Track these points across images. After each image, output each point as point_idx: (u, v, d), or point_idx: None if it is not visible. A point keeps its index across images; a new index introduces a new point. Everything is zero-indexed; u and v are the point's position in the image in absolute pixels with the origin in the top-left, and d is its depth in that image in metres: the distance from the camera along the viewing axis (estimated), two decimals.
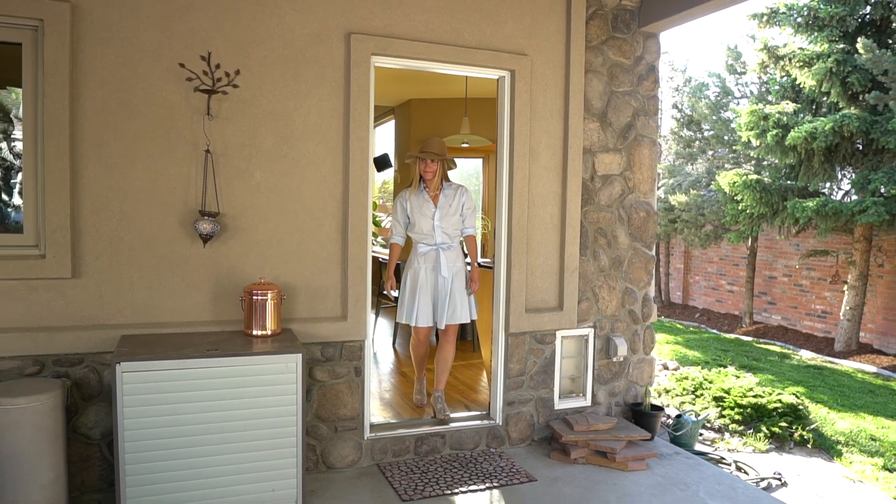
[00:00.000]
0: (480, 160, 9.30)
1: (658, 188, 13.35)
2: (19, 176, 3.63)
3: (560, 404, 4.53)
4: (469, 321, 4.43)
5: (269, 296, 3.46)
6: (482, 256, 7.98)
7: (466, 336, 7.03)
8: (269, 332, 3.49)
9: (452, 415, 4.41)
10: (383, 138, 10.79)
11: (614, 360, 4.67)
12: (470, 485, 3.79)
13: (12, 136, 3.84)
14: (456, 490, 3.72)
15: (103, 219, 3.47)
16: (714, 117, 12.63)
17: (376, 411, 4.49)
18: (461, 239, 4.45)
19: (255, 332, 3.47)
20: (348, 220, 3.87)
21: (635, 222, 4.70)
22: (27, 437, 3.01)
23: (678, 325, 12.23)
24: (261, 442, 3.23)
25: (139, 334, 3.45)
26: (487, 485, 3.80)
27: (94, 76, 3.42)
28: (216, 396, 3.15)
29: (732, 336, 11.21)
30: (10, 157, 3.87)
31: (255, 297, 3.44)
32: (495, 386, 4.40)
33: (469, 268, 4.49)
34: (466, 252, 4.61)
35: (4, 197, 3.83)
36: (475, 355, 6.39)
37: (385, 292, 4.74)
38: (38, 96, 3.37)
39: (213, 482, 3.18)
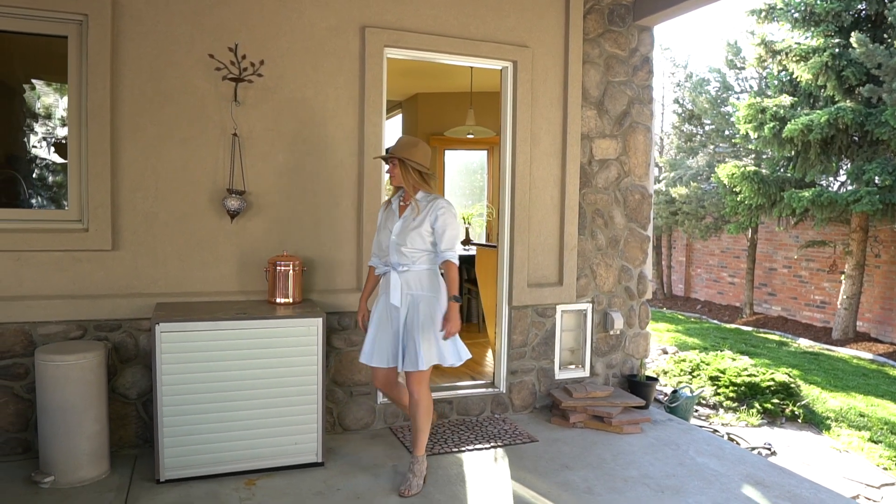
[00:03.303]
0: (485, 152, 9.59)
1: (659, 181, 13.63)
2: (49, 156, 3.96)
3: (560, 374, 4.83)
4: (422, 369, 3.31)
5: (292, 266, 3.78)
6: (487, 241, 8.25)
7: (472, 318, 7.34)
8: (292, 301, 3.80)
9: (458, 383, 4.72)
10: (391, 132, 11.08)
11: (611, 333, 4.97)
12: (476, 444, 4.09)
13: (49, 124, 4.18)
14: (463, 448, 4.02)
15: (140, 197, 3.80)
16: (714, 112, 12.90)
17: None
18: (438, 264, 3.44)
19: (278, 300, 3.79)
20: (363, 200, 4.19)
21: (631, 204, 5.00)
22: (75, 390, 3.33)
23: (679, 316, 12.49)
24: (285, 399, 3.55)
25: (172, 302, 3.77)
26: (492, 444, 4.11)
27: (132, 66, 3.75)
28: (245, 356, 3.47)
29: (732, 326, 11.47)
30: (45, 143, 4.20)
31: (278, 268, 3.76)
32: (499, 355, 4.71)
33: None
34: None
35: (52, 177, 4.17)
36: (481, 335, 6.70)
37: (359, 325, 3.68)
38: (82, 85, 3.70)
39: (241, 435, 3.49)
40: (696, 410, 5.81)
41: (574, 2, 4.65)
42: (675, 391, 5.34)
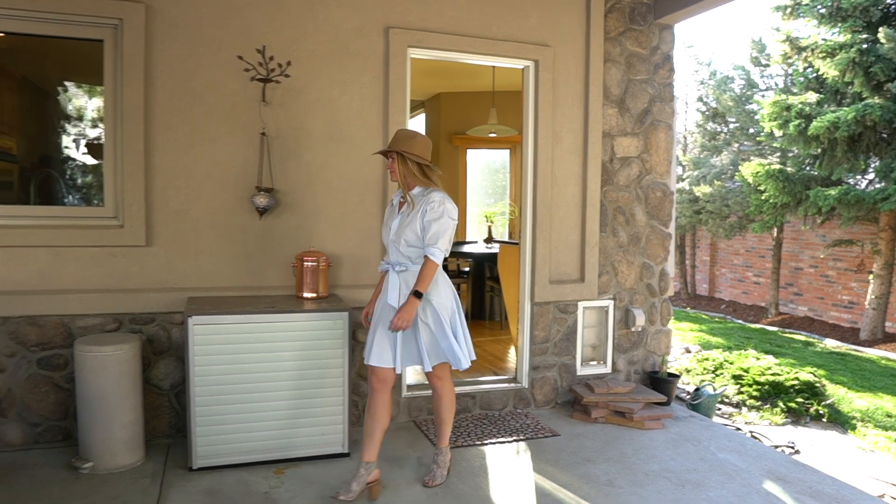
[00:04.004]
0: (507, 151, 9.64)
1: (683, 180, 13.55)
2: (81, 155, 4.11)
3: (582, 370, 4.87)
4: (428, 369, 3.27)
5: (318, 262, 3.88)
6: (509, 237, 8.31)
7: (494, 316, 7.40)
8: (318, 295, 3.90)
9: (481, 378, 4.79)
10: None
11: (633, 329, 5.00)
12: (498, 437, 4.16)
13: (81, 125, 4.32)
14: (486, 441, 4.09)
15: (172, 194, 3.92)
16: (738, 109, 12.81)
17: (411, 375, 4.87)
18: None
19: (305, 295, 3.89)
20: (387, 197, 4.28)
21: (652, 201, 5.03)
22: (112, 381, 3.46)
23: (703, 316, 12.41)
24: (312, 391, 3.64)
25: (203, 296, 3.89)
26: (514, 438, 4.17)
27: (164, 68, 3.88)
28: (273, 349, 3.57)
29: (757, 326, 11.38)
30: (77, 143, 4.35)
31: (305, 263, 3.86)
32: (521, 351, 4.77)
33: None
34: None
35: (83, 176, 4.32)
36: (503, 332, 6.76)
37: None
38: (116, 87, 3.84)
39: (270, 425, 3.60)
40: (719, 409, 5.81)
41: (595, 1, 4.70)
42: (697, 389, 5.36)
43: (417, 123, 9.77)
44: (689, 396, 5.48)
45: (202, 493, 3.27)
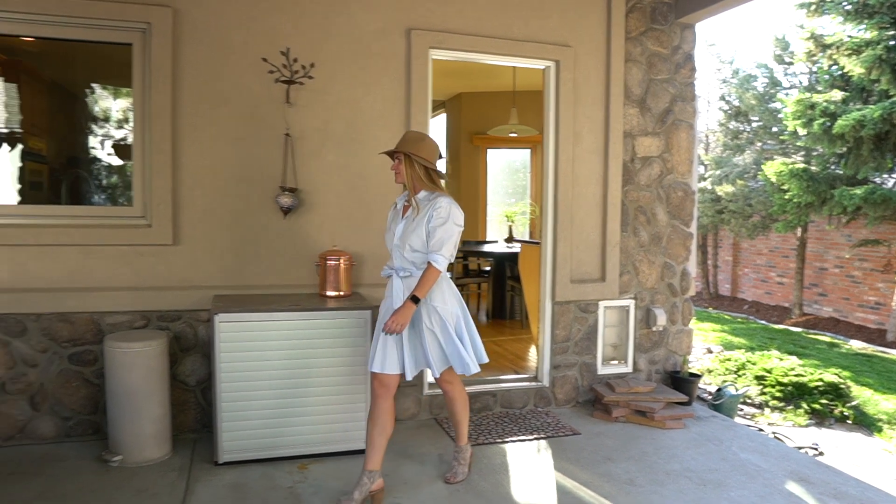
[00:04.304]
0: (528, 151, 9.65)
1: (704, 179, 13.45)
2: (108, 156, 4.20)
3: (603, 370, 4.88)
4: (436, 375, 3.27)
5: (341, 261, 3.93)
6: (530, 237, 8.32)
7: (515, 315, 7.42)
8: (341, 293, 3.96)
9: (502, 376, 4.82)
10: (434, 131, 11.23)
11: (654, 329, 5.00)
12: (519, 435, 4.18)
13: (107, 126, 4.43)
14: (507, 439, 4.12)
15: (198, 194, 4.00)
16: (762, 108, 12.68)
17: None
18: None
19: (328, 293, 3.95)
20: None
21: (674, 201, 5.02)
22: (141, 376, 3.55)
23: (725, 316, 12.31)
24: (335, 388, 3.70)
25: (229, 294, 3.97)
26: (535, 436, 4.19)
27: (191, 70, 3.96)
28: (297, 346, 3.63)
29: (781, 327, 11.26)
30: (104, 144, 4.45)
31: (329, 262, 3.92)
32: (542, 350, 4.79)
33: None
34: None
35: (110, 176, 4.43)
36: (524, 331, 6.78)
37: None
38: (145, 89, 3.92)
39: (294, 421, 3.66)
40: (741, 409, 5.78)
41: (616, 1, 4.71)
42: (719, 389, 5.33)
43: (438, 123, 9.82)
44: (710, 397, 5.46)
45: (228, 487, 3.34)
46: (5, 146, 4.03)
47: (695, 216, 5.15)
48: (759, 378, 6.29)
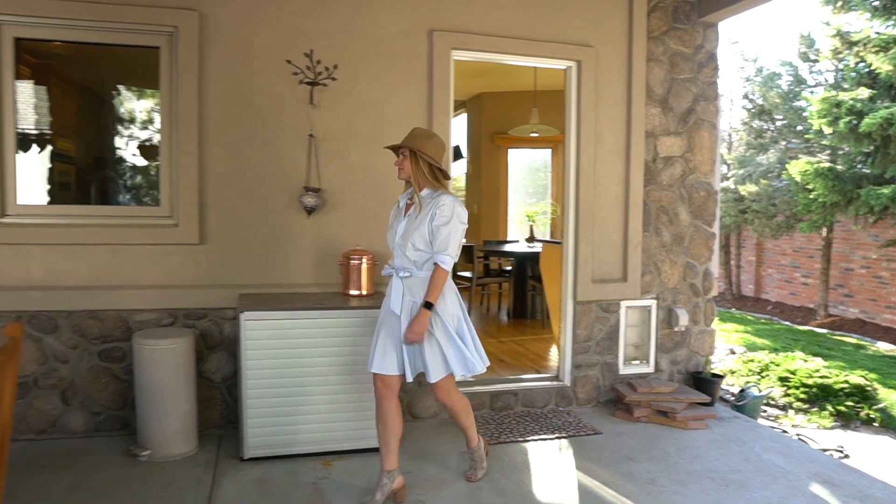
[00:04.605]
0: (549, 150, 9.64)
1: (727, 178, 13.33)
2: (133, 157, 4.28)
3: (624, 370, 4.88)
4: (432, 380, 3.14)
5: (364, 260, 3.98)
6: (551, 237, 8.31)
7: (536, 315, 7.43)
8: (364, 293, 4.00)
9: (523, 375, 4.84)
10: (456, 131, 11.25)
11: (676, 329, 4.98)
12: (540, 434, 4.20)
13: (133, 127, 4.52)
14: (528, 438, 4.14)
15: (224, 194, 4.07)
16: (786, 106, 12.53)
17: None
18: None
19: (351, 292, 3.99)
20: None
21: (696, 201, 5.00)
22: (168, 372, 3.62)
23: (749, 317, 12.19)
24: (358, 386, 3.73)
25: (254, 293, 4.03)
26: (556, 435, 4.20)
27: (217, 73, 4.02)
28: (321, 344, 3.68)
29: (805, 328, 11.13)
30: (129, 145, 4.54)
31: (352, 261, 3.96)
32: (564, 349, 4.79)
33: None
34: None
35: (135, 176, 4.52)
36: (545, 331, 6.79)
37: None
38: (172, 91, 4.00)
39: (318, 418, 3.71)
40: (765, 411, 5.73)
41: (638, 1, 4.70)
42: (742, 390, 5.30)
43: (459, 123, 9.85)
44: (733, 398, 5.42)
45: (253, 483, 3.40)
46: (35, 147, 4.13)
47: (717, 216, 5.12)
48: (782, 379, 6.23)
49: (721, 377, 5.08)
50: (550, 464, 3.78)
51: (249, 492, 3.30)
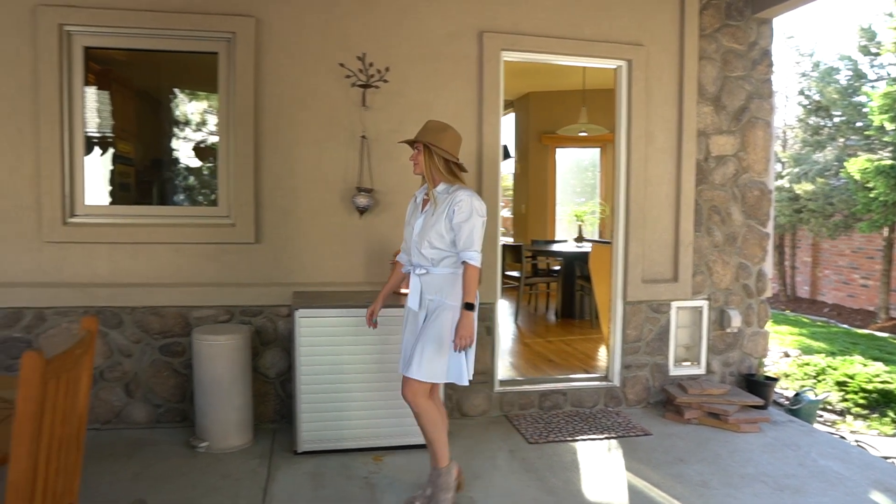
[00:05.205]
0: (598, 150, 9.57)
1: (782, 177, 13.00)
2: (188, 158, 4.44)
3: (674, 371, 4.83)
4: (411, 377, 2.98)
5: None
6: (599, 236, 8.25)
7: (584, 315, 7.39)
8: None
9: (572, 375, 4.84)
10: (504, 131, 11.26)
11: (728, 331, 4.90)
12: (589, 434, 4.19)
13: (187, 129, 4.68)
14: (577, 438, 4.14)
15: (278, 195, 4.18)
16: (844, 102, 12.15)
17: (503, 370, 4.96)
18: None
19: (402, 291, 4.03)
20: (481, 196, 4.36)
21: (749, 200, 4.91)
22: (225, 367, 3.74)
23: (804, 319, 11.86)
24: None
25: (307, 291, 4.13)
26: (605, 435, 4.19)
27: (272, 76, 4.14)
28: (373, 342, 3.75)
29: (865, 331, 10.77)
30: (184, 147, 4.71)
31: None
32: (613, 350, 4.77)
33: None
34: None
35: (190, 177, 4.69)
36: (594, 331, 6.75)
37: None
38: (229, 95, 4.13)
39: (370, 414, 3.78)
40: (821, 416, 5.59)
41: None
42: (797, 394, 5.18)
43: (507, 123, 9.85)
44: (788, 401, 5.30)
45: (307, 476, 3.49)
46: (98, 150, 4.31)
47: (771, 216, 5.02)
48: (840, 384, 6.06)
49: (775, 380, 4.98)
50: (600, 463, 3.77)
51: (303, 484, 3.39)
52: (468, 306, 2.91)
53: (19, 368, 1.53)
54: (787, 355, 7.84)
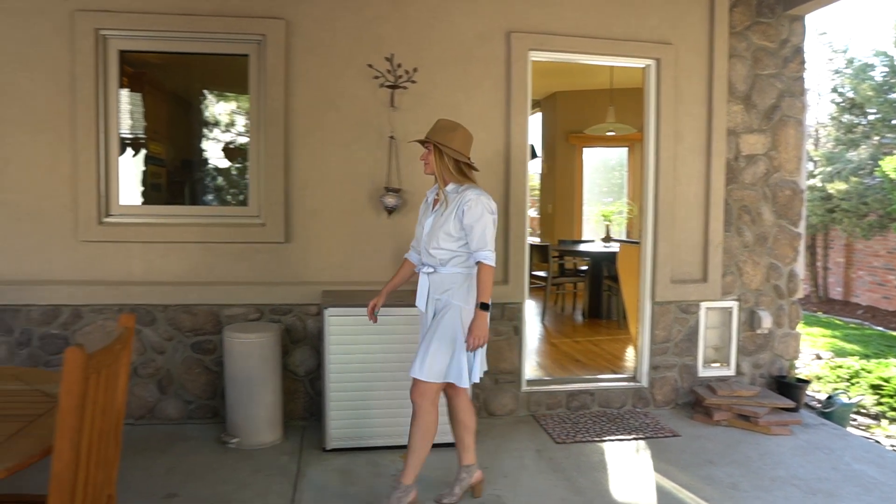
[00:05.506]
0: (625, 149, 9.50)
1: (814, 176, 12.78)
2: (217, 159, 4.50)
3: (703, 372, 4.78)
4: (416, 377, 2.99)
5: None
6: (627, 236, 8.20)
7: (611, 315, 7.35)
8: None
9: (600, 375, 4.82)
10: (531, 131, 11.23)
11: (758, 332, 4.84)
12: (617, 435, 4.17)
13: (217, 130, 4.75)
14: (605, 438, 4.12)
15: (308, 195, 4.23)
16: (880, 99, 11.89)
17: (530, 370, 4.96)
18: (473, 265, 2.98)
19: None
20: (509, 196, 4.40)
21: (780, 200, 4.85)
22: (255, 364, 3.80)
23: (837, 321, 11.65)
24: None
25: (336, 290, 4.17)
26: (633, 436, 4.17)
27: (302, 78, 4.19)
28: (401, 340, 3.77)
29: None
30: (214, 148, 4.79)
31: None
32: (641, 350, 4.74)
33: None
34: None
35: (219, 178, 4.77)
36: (621, 331, 6.71)
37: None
38: (260, 97, 4.19)
39: (397, 413, 3.79)
40: (854, 419, 5.49)
41: None
42: (829, 397, 5.10)
43: (534, 122, 9.83)
44: (820, 404, 5.22)
45: (336, 472, 3.53)
46: (130, 151, 4.40)
47: (803, 215, 4.94)
48: (875, 387, 5.95)
49: (807, 382, 4.91)
50: (627, 464, 3.76)
51: (333, 481, 3.43)
52: (483, 306, 2.90)
53: (62, 364, 1.57)
54: (819, 357, 7.71)
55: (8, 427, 1.87)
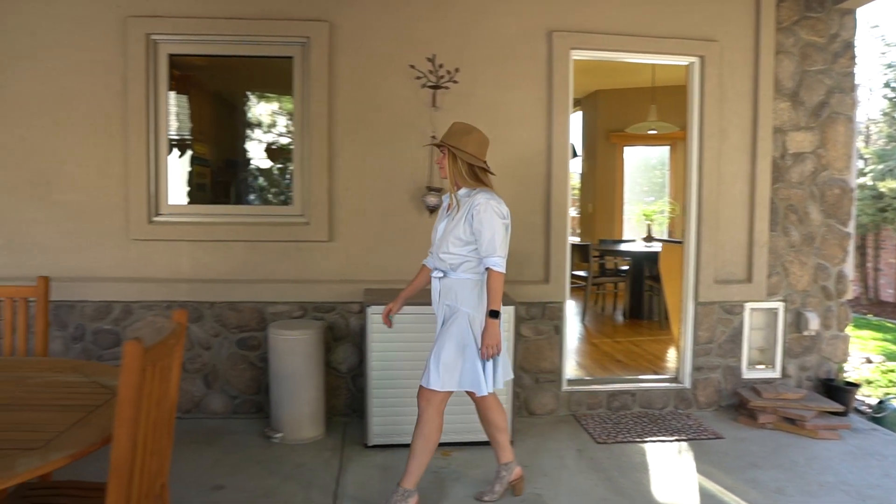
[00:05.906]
0: (667, 147, 9.38)
1: (864, 174, 12.41)
2: (259, 159, 4.59)
3: (748, 374, 4.70)
4: (424, 385, 2.96)
5: None
6: (668, 236, 8.10)
7: (653, 315, 7.27)
8: None
9: (641, 376, 4.78)
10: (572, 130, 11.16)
11: (805, 334, 4.74)
12: (659, 436, 4.13)
13: (259, 131, 4.85)
14: (646, 439, 4.09)
15: (351, 194, 4.29)
16: None
17: (570, 370, 4.94)
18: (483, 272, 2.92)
19: None
20: (551, 195, 4.39)
21: (829, 199, 4.73)
22: (299, 361, 3.87)
23: (888, 324, 11.29)
24: None
25: (378, 288, 4.22)
26: (675, 437, 4.12)
27: (345, 79, 4.25)
28: None
29: None
30: (257, 148, 4.89)
31: None
32: (683, 351, 4.68)
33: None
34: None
35: (261, 178, 4.87)
36: (662, 332, 6.63)
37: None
38: (304, 98, 4.26)
39: None
40: None
41: None
42: (881, 402, 4.95)
43: (574, 122, 9.78)
44: (870, 409, 5.08)
45: (377, 468, 3.58)
46: (177, 151, 4.52)
47: (853, 215, 4.82)
48: None
49: (856, 386, 4.79)
50: (670, 466, 3.72)
51: (374, 476, 3.48)
52: (493, 314, 2.83)
53: (114, 358, 1.63)
54: (869, 361, 7.49)
55: (69, 417, 1.95)
